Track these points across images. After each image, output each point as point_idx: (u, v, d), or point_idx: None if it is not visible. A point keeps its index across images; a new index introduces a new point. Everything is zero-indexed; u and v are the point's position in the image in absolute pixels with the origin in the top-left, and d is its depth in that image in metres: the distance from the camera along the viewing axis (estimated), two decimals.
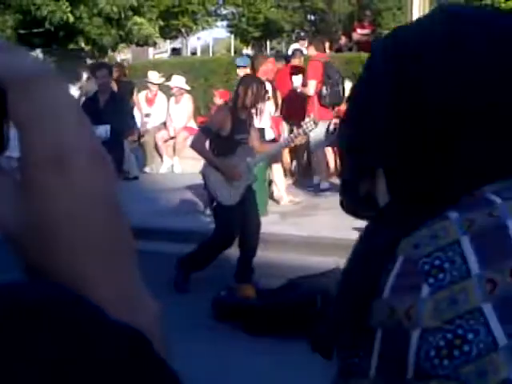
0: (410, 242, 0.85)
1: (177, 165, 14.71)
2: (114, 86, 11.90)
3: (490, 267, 0.78)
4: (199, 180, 12.91)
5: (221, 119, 7.78)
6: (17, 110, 0.64)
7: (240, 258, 7.68)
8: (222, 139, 7.59)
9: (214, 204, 7.74)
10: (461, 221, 0.82)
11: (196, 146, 7.85)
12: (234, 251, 7.74)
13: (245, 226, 7.55)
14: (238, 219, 7.48)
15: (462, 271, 0.79)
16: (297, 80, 13.21)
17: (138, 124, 15.05)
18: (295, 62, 13.83)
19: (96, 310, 0.59)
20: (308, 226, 9.92)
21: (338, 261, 7.71)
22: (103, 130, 9.36)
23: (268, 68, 10.59)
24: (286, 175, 13.19)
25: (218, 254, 7.58)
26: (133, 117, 10.49)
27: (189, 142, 13.79)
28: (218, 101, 15.05)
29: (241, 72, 13.10)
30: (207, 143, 7.79)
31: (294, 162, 13.90)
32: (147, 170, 14.85)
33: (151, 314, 0.69)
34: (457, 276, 0.79)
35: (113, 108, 9.42)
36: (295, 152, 13.35)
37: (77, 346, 0.55)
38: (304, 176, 13.24)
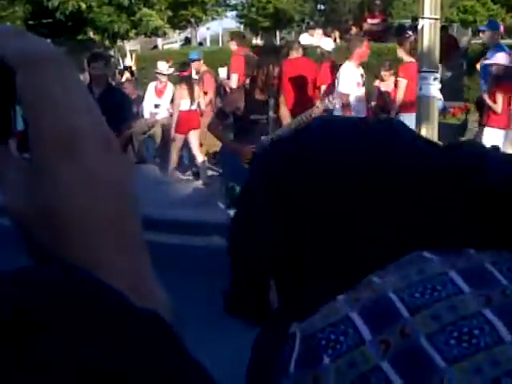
0: (303, 325, 0.88)
1: (186, 155, 14.68)
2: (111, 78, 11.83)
3: (381, 332, 0.84)
4: (210, 172, 12.98)
5: (232, 100, 7.93)
6: (27, 92, 0.63)
7: None
8: (238, 120, 7.69)
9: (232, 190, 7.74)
10: (348, 299, 0.87)
11: (211, 128, 8.02)
12: None
13: None
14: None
15: (356, 339, 0.84)
16: (222, 72, 13.37)
17: (147, 115, 15.08)
18: (294, 54, 13.70)
19: (120, 294, 0.57)
20: None
21: None
22: None
23: (363, 51, 10.57)
24: None
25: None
26: (131, 110, 10.37)
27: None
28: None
29: (194, 65, 13.05)
30: (223, 125, 7.96)
31: None
32: (157, 160, 14.86)
33: (160, 303, 0.68)
34: (352, 344, 0.84)
35: (109, 101, 9.21)
36: None
37: (113, 332, 0.53)
38: None
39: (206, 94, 13.39)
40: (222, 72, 13.61)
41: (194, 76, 13.47)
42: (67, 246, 0.62)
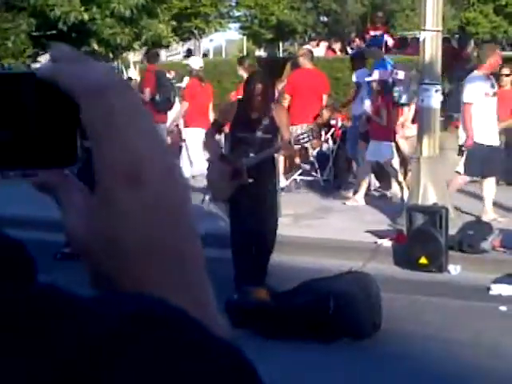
0: None
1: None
2: None
3: None
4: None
5: (223, 111, 7.92)
6: (92, 122, 0.63)
7: (254, 260, 7.62)
8: (229, 134, 7.62)
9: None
10: None
11: (206, 136, 7.90)
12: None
13: (259, 228, 7.48)
14: (245, 216, 7.35)
15: None
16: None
17: None
18: (307, 65, 13.76)
19: (200, 325, 0.59)
20: (321, 229, 9.89)
21: (351, 263, 7.70)
22: None
23: (496, 60, 10.46)
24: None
25: (241, 253, 7.44)
26: None
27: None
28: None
29: None
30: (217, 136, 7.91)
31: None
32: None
33: (224, 331, 0.68)
34: None
35: None
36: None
37: (193, 360, 0.55)
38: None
39: None
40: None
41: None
42: (126, 274, 0.63)
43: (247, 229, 7.40)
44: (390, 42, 13.63)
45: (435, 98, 9.76)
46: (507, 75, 13.04)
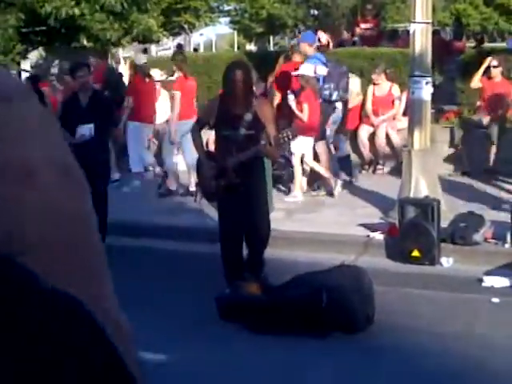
0: None
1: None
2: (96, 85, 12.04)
3: None
4: None
5: (206, 108, 7.90)
6: None
7: (248, 255, 7.61)
8: (214, 132, 7.54)
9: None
10: None
11: (192, 134, 7.83)
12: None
13: (252, 223, 7.46)
14: (234, 214, 7.31)
15: None
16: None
17: None
18: (296, 58, 13.71)
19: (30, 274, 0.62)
20: (313, 223, 9.87)
21: (344, 257, 7.69)
22: (87, 130, 9.22)
23: None
24: None
25: (229, 247, 7.41)
26: (115, 115, 10.42)
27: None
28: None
29: None
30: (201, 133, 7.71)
31: None
32: (151, 167, 14.82)
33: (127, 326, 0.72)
34: None
35: (96, 106, 9.31)
36: None
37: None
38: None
39: None
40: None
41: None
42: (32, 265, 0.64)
43: (236, 225, 7.37)
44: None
45: (426, 91, 9.74)
46: (495, 67, 13.07)
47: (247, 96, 7.28)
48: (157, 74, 14.89)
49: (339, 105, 12.37)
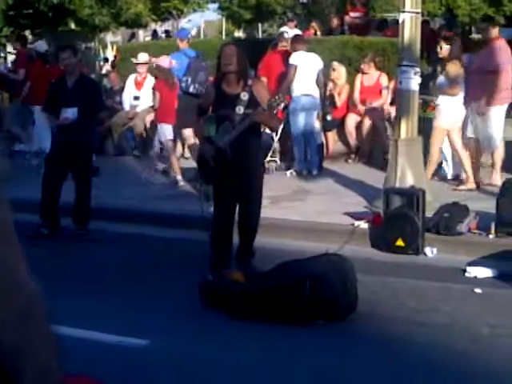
0: None
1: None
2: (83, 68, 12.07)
3: None
4: (188, 164, 12.95)
5: (205, 95, 7.91)
6: None
7: (240, 241, 7.61)
8: (215, 116, 7.49)
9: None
10: None
11: (195, 123, 8.00)
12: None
13: (242, 210, 7.46)
14: (228, 198, 7.32)
15: None
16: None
17: (127, 107, 15.04)
18: (283, 45, 13.71)
19: None
20: (299, 211, 9.88)
21: (329, 246, 7.69)
22: (71, 113, 9.22)
23: None
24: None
25: (225, 231, 7.40)
26: (102, 99, 10.39)
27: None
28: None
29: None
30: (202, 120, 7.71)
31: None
32: (136, 152, 14.81)
33: (25, 295, 0.82)
34: None
35: (81, 90, 9.28)
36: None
37: None
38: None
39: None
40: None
41: None
42: None
43: (230, 212, 7.38)
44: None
45: (414, 81, 9.73)
46: None
47: (243, 74, 7.35)
48: (144, 58, 14.84)
49: (315, 93, 12.46)
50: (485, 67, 10.79)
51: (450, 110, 10.90)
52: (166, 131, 12.30)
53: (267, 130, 9.79)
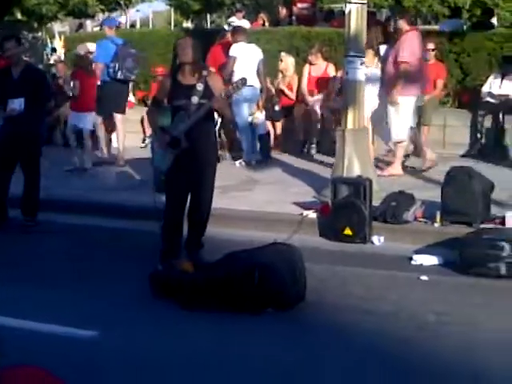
0: None
1: (115, 140, 14.56)
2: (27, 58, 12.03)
3: None
4: (137, 154, 12.92)
5: (159, 86, 8.02)
6: None
7: (188, 231, 7.63)
8: (168, 105, 7.55)
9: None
10: None
11: (148, 114, 8.20)
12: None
13: (193, 200, 7.49)
14: (180, 188, 7.34)
15: None
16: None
17: None
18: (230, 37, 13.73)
19: None
20: (247, 201, 9.92)
21: (277, 235, 7.75)
22: (17, 104, 9.13)
23: None
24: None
25: (175, 220, 7.43)
26: (49, 89, 10.30)
27: (126, 115, 13.69)
28: (160, 78, 15.00)
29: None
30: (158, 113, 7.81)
31: None
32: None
33: None
34: None
35: (27, 80, 9.19)
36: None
37: None
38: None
39: None
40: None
41: None
42: None
43: (181, 202, 7.42)
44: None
45: (360, 71, 9.83)
46: (432, 50, 13.26)
47: (198, 65, 7.48)
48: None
49: (256, 84, 12.53)
50: (395, 58, 10.95)
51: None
52: (86, 119, 12.50)
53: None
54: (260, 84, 12.75)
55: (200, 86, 7.33)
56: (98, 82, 12.98)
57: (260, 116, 13.14)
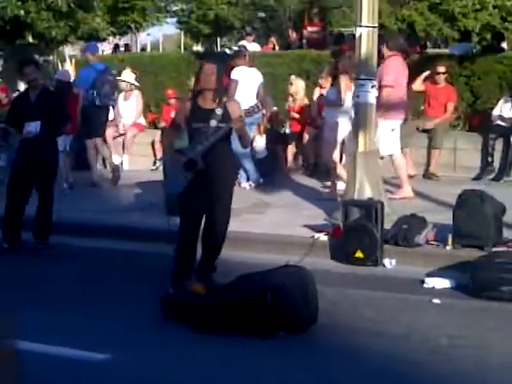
0: None
1: (126, 162, 14.61)
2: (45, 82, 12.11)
3: None
4: (148, 177, 12.93)
5: (180, 110, 7.98)
6: None
7: (202, 254, 7.61)
8: (186, 127, 7.56)
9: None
10: None
11: (164, 136, 8.01)
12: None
13: (208, 223, 7.48)
14: (194, 209, 7.33)
15: None
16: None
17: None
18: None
19: None
20: (259, 223, 9.91)
21: (289, 258, 7.73)
22: (33, 127, 9.20)
23: None
24: None
25: (189, 242, 7.41)
26: (65, 112, 10.35)
27: (137, 138, 13.75)
28: (172, 101, 15.07)
29: None
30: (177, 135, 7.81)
31: None
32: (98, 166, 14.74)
33: None
34: None
35: (44, 104, 9.27)
36: None
37: None
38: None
39: None
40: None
41: None
42: None
43: (196, 225, 7.40)
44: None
45: (371, 94, 9.85)
46: (443, 73, 13.30)
47: (219, 92, 7.53)
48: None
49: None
50: (379, 83, 10.97)
51: (335, 122, 11.40)
52: (62, 142, 12.28)
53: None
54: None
55: (219, 111, 7.37)
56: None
57: (260, 140, 13.19)
